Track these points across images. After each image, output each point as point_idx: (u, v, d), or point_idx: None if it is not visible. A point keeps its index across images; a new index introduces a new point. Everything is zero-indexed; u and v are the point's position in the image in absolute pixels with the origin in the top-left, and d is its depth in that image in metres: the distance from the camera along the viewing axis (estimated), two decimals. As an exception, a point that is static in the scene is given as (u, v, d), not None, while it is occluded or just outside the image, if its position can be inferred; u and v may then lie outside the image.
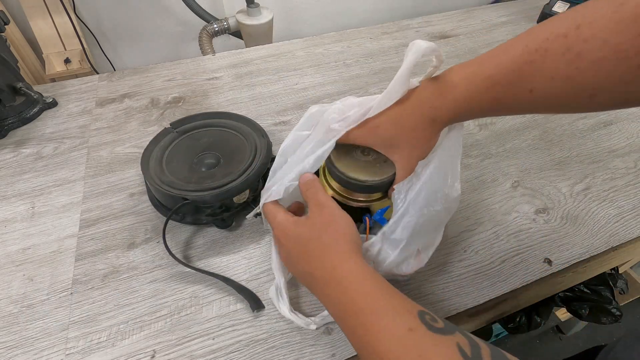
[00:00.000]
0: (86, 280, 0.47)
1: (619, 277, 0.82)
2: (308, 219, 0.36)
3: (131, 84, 0.79)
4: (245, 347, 0.41)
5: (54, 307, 0.44)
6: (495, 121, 0.70)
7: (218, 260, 0.49)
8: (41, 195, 0.57)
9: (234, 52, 0.89)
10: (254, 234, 0.52)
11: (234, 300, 0.45)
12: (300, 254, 0.35)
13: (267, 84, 0.79)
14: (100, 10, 1.09)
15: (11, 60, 0.67)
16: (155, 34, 1.20)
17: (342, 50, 0.90)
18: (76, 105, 0.74)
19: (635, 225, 0.53)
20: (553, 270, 0.48)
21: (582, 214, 0.54)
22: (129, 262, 0.48)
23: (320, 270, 0.33)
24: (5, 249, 0.50)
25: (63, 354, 0.41)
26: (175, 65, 0.84)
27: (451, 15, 1.04)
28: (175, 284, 0.46)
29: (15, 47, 0.96)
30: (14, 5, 0.97)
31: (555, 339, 1.32)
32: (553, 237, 0.52)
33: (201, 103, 0.74)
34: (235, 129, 0.57)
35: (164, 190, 0.48)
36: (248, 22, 1.08)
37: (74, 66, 1.00)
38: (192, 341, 0.42)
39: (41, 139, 0.66)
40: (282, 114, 0.72)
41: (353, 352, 0.41)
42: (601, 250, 0.50)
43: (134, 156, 0.63)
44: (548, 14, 0.96)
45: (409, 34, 0.96)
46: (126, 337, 0.42)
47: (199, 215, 0.51)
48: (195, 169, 0.52)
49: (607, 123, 0.69)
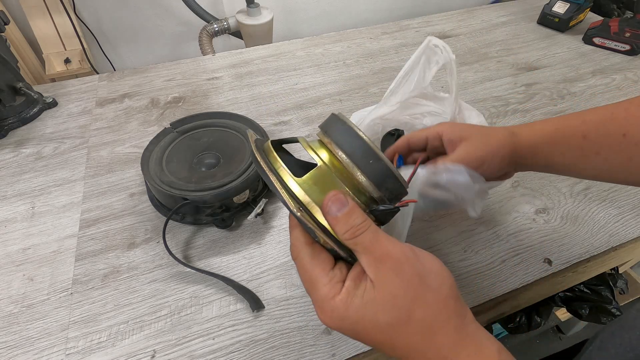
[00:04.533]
0: (86, 280, 0.47)
1: (619, 277, 0.81)
2: (375, 289, 0.23)
3: (131, 84, 0.79)
4: (245, 347, 0.41)
5: (54, 307, 0.44)
6: (495, 122, 0.70)
7: (218, 260, 0.49)
8: (41, 195, 0.57)
9: (234, 52, 0.89)
10: (254, 234, 0.52)
11: (234, 300, 0.45)
12: (374, 342, 0.24)
13: (267, 84, 0.79)
14: (100, 10, 1.09)
15: (11, 60, 0.67)
16: (155, 34, 1.20)
17: (342, 50, 0.90)
18: (76, 105, 0.74)
19: (635, 225, 0.53)
20: (553, 270, 0.48)
21: (582, 214, 0.54)
22: (129, 262, 0.48)
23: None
24: (5, 249, 0.50)
25: (63, 354, 0.41)
26: (175, 65, 0.84)
27: (451, 15, 1.04)
28: (175, 284, 0.46)
29: (15, 47, 0.96)
30: (14, 5, 0.97)
31: (555, 339, 1.32)
32: (553, 237, 0.52)
33: (201, 103, 0.74)
34: (235, 129, 0.57)
35: (164, 190, 0.48)
36: (248, 22, 1.08)
37: (74, 66, 1.00)
38: (192, 341, 0.42)
39: (41, 139, 0.66)
40: (282, 114, 0.72)
41: (353, 352, 0.41)
42: (601, 250, 0.50)
43: (134, 156, 0.63)
44: (548, 14, 0.96)
45: (409, 34, 0.96)
46: (126, 337, 0.42)
47: (199, 215, 0.51)
48: (195, 169, 0.52)
49: (607, 123, 0.69)
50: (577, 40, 0.93)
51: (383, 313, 0.23)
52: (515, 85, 0.79)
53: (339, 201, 0.24)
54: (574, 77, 0.81)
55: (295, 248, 0.26)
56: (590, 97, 0.75)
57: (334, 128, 0.28)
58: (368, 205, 0.27)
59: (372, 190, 0.27)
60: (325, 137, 0.28)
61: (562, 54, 0.88)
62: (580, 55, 0.88)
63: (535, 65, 0.84)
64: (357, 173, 0.26)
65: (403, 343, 0.23)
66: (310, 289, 0.25)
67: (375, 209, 0.27)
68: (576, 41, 0.93)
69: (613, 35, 0.87)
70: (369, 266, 0.23)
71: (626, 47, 0.86)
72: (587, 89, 0.77)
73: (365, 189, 0.27)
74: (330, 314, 0.24)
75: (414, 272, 0.23)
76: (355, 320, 0.23)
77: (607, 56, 0.87)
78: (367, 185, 0.26)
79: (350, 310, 0.23)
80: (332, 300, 0.23)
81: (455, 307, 0.24)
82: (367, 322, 0.23)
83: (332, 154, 0.27)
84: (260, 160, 0.26)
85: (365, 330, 0.23)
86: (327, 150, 0.28)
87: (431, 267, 0.24)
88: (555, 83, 0.79)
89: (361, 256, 0.24)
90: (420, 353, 0.23)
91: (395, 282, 0.23)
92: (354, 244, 0.24)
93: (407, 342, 0.23)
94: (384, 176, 0.26)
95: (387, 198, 0.27)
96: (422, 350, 0.23)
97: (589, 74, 0.82)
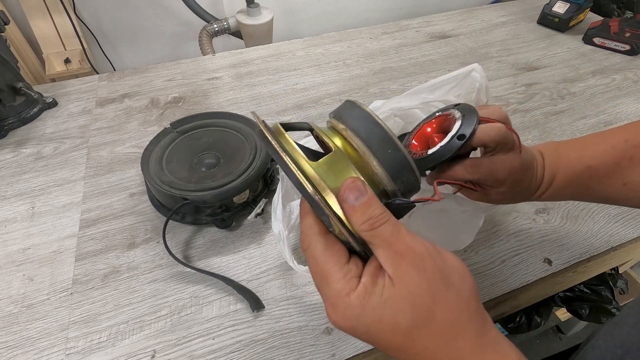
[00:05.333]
0: (86, 280, 0.47)
1: (619, 277, 0.81)
2: (394, 286, 0.21)
3: (131, 84, 0.79)
4: (245, 347, 0.41)
5: (54, 307, 0.44)
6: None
7: (218, 260, 0.49)
8: (41, 195, 0.57)
9: (234, 52, 0.89)
10: (254, 234, 0.52)
11: (234, 300, 0.45)
12: (389, 346, 0.22)
13: (267, 84, 0.79)
14: (100, 10, 1.09)
15: (11, 60, 0.67)
16: (155, 34, 1.20)
17: (342, 50, 0.90)
18: (76, 105, 0.74)
19: (635, 225, 0.53)
20: (553, 270, 0.48)
21: (582, 214, 0.54)
22: (129, 262, 0.48)
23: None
24: (6, 249, 0.50)
25: (63, 354, 0.41)
26: (175, 65, 0.84)
27: (451, 15, 1.04)
28: (175, 284, 0.46)
29: (15, 47, 0.96)
30: (14, 5, 0.97)
31: (555, 339, 1.32)
32: (553, 237, 0.52)
33: (201, 103, 0.74)
34: (235, 129, 0.57)
35: (164, 190, 0.48)
36: (248, 22, 1.08)
37: (74, 66, 1.00)
38: (192, 341, 0.42)
39: (41, 139, 0.66)
40: (282, 114, 0.72)
41: (353, 352, 0.41)
42: (601, 250, 0.50)
43: (134, 156, 0.63)
44: (548, 14, 0.96)
45: (409, 34, 0.96)
46: (126, 337, 0.42)
47: (199, 215, 0.51)
48: (195, 169, 0.52)
49: (608, 123, 0.69)
50: (577, 40, 0.93)
51: (403, 313, 0.21)
52: (515, 85, 0.79)
53: (357, 189, 0.22)
54: (574, 77, 0.81)
55: (307, 237, 0.23)
56: (590, 97, 0.75)
57: (350, 114, 0.26)
58: (379, 199, 0.24)
59: (387, 182, 0.25)
60: (340, 123, 0.26)
61: (562, 54, 0.88)
62: (580, 55, 0.88)
63: (535, 65, 0.84)
64: (374, 162, 0.25)
65: (422, 347, 0.21)
66: (321, 284, 0.23)
67: (392, 201, 0.24)
68: (576, 41, 0.93)
69: (613, 35, 0.87)
70: (388, 261, 0.21)
71: (626, 47, 0.86)
72: (587, 89, 0.77)
73: (380, 180, 0.25)
74: (343, 312, 0.21)
75: (436, 269, 0.21)
76: (372, 321, 0.21)
77: (607, 56, 0.87)
78: (382, 176, 0.25)
79: (367, 308, 0.21)
80: (346, 297, 0.21)
81: (476, 310, 0.22)
82: (386, 323, 0.21)
83: (346, 141, 0.26)
84: (272, 140, 0.23)
85: (381, 332, 0.21)
86: (341, 137, 0.26)
87: (453, 265, 0.22)
88: (555, 83, 0.79)
89: (378, 250, 0.22)
90: (439, 358, 0.21)
91: (416, 279, 0.21)
92: (371, 236, 0.22)
93: (426, 346, 0.21)
94: (401, 167, 0.25)
95: (399, 192, 0.26)
96: (441, 356, 0.21)
97: (589, 74, 0.82)
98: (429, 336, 0.21)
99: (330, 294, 0.22)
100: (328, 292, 0.22)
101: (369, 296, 0.21)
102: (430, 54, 0.88)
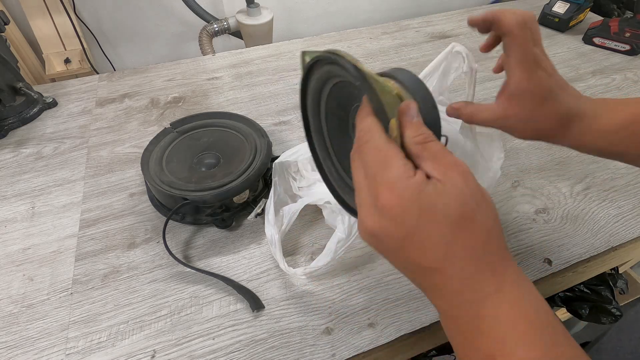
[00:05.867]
0: (86, 280, 0.47)
1: (619, 277, 0.81)
2: (444, 185, 0.23)
3: (131, 84, 0.79)
4: (245, 347, 0.41)
5: (54, 307, 0.44)
6: (495, 121, 0.70)
7: (218, 260, 0.49)
8: (41, 195, 0.57)
9: (234, 52, 0.89)
10: (254, 234, 0.52)
11: (234, 300, 0.45)
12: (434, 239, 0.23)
13: (267, 84, 0.79)
14: (100, 10, 1.09)
15: (11, 60, 0.67)
16: (155, 34, 1.20)
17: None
18: (76, 105, 0.74)
19: (635, 225, 0.53)
20: (553, 270, 0.48)
21: (582, 214, 0.54)
22: (129, 262, 0.48)
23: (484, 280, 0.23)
24: (5, 249, 0.50)
25: (63, 354, 0.41)
26: (175, 65, 0.84)
27: (451, 15, 1.04)
28: (175, 284, 0.46)
29: (15, 47, 0.96)
30: (14, 5, 0.97)
31: (555, 339, 1.32)
32: (553, 237, 0.52)
33: (201, 103, 0.74)
34: (235, 129, 0.57)
35: (164, 190, 0.48)
36: (248, 22, 1.08)
37: (74, 66, 1.00)
38: (192, 341, 0.42)
39: (41, 139, 0.66)
40: (282, 114, 0.72)
41: (353, 352, 0.41)
42: (601, 250, 0.50)
43: (134, 156, 0.63)
44: (548, 14, 0.96)
45: (409, 34, 0.96)
46: (126, 337, 0.42)
47: (199, 215, 0.51)
48: (195, 169, 0.52)
49: (607, 123, 0.69)
50: (577, 40, 0.93)
51: (454, 206, 0.22)
52: (515, 85, 0.78)
53: (415, 110, 0.25)
54: (574, 77, 0.81)
55: (367, 133, 0.25)
56: (590, 97, 0.75)
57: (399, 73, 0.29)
58: None
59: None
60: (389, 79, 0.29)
61: (562, 54, 0.88)
62: (580, 55, 0.88)
63: (535, 65, 0.84)
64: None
65: (461, 246, 0.22)
66: (380, 169, 0.24)
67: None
68: (576, 41, 0.93)
69: (613, 35, 0.87)
70: (436, 169, 0.23)
71: (626, 47, 0.86)
72: (587, 89, 0.77)
73: None
74: (401, 192, 0.22)
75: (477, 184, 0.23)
76: (428, 205, 0.22)
77: (607, 56, 0.87)
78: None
79: (423, 194, 0.22)
80: (407, 180, 0.23)
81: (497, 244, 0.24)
82: (439, 211, 0.22)
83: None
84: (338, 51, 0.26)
85: (432, 221, 0.22)
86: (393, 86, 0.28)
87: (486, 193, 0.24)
88: (555, 83, 0.79)
89: (427, 162, 0.24)
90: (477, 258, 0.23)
91: (463, 184, 0.23)
92: (422, 149, 0.24)
93: (465, 245, 0.23)
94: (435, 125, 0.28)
95: None
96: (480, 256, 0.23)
97: (589, 74, 0.82)
98: (471, 233, 0.23)
99: (392, 175, 0.23)
100: (388, 175, 0.23)
101: (425, 185, 0.23)
102: (430, 54, 0.88)
